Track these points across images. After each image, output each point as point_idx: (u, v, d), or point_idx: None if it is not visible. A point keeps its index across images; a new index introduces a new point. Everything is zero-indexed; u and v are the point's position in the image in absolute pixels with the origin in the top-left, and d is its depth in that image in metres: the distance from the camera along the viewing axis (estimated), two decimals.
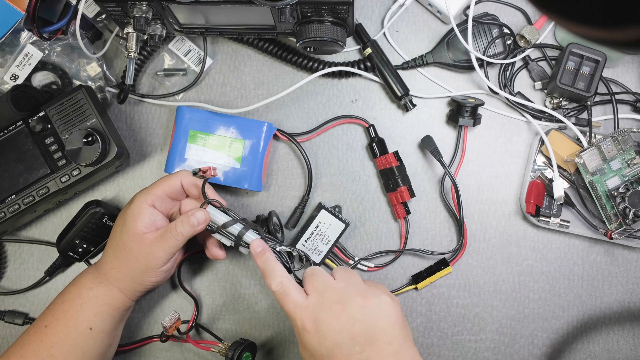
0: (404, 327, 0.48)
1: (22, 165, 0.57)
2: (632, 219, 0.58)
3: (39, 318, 0.55)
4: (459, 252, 0.63)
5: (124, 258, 0.54)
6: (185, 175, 0.56)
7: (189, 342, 0.59)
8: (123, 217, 0.55)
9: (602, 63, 0.60)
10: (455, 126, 0.64)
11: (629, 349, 0.64)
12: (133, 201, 0.55)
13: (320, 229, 0.62)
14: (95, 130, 0.57)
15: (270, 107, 0.65)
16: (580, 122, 0.62)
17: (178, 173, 0.56)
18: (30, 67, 0.60)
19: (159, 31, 0.56)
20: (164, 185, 0.55)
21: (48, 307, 0.55)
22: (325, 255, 0.62)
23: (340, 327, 0.46)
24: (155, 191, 0.55)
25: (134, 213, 0.54)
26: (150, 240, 0.53)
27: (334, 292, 0.48)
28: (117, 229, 0.55)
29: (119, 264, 0.54)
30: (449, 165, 0.63)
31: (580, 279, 0.64)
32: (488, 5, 0.64)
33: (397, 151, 0.62)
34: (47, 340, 0.53)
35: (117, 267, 0.55)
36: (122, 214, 0.56)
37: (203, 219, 0.53)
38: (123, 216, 0.55)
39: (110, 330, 0.55)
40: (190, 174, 0.56)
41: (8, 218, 0.58)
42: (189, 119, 0.62)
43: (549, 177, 0.62)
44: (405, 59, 0.64)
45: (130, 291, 0.55)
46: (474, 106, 0.62)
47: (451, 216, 0.64)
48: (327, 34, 0.53)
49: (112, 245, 0.55)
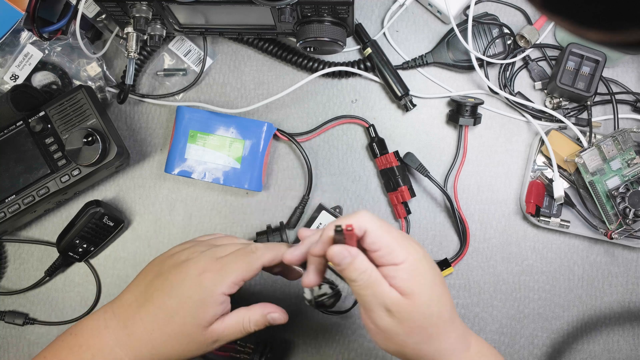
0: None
1: (22, 165, 0.57)
2: (632, 219, 0.58)
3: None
4: (462, 252, 0.63)
5: (177, 346, 0.46)
6: (265, 254, 0.47)
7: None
8: (190, 305, 0.45)
9: (602, 63, 0.60)
10: (455, 126, 0.64)
11: (629, 349, 0.64)
12: (205, 288, 0.45)
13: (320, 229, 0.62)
14: (95, 130, 0.57)
15: (270, 107, 0.65)
16: (580, 122, 0.62)
17: (256, 254, 0.47)
18: (30, 67, 0.60)
19: (159, 31, 0.56)
20: (245, 274, 0.46)
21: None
22: None
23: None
24: (234, 280, 0.46)
25: (207, 303, 0.45)
26: (217, 333, 0.47)
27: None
28: (180, 315, 0.46)
29: (167, 351, 0.47)
30: (451, 166, 0.63)
31: (580, 279, 0.64)
32: (488, 5, 0.64)
33: (397, 151, 0.62)
34: None
35: (162, 353, 0.47)
36: (186, 299, 0.45)
37: (281, 319, 0.49)
38: (189, 302, 0.45)
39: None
40: (267, 251, 0.48)
41: (8, 218, 0.58)
42: (189, 119, 0.62)
43: (549, 177, 0.62)
44: (405, 59, 0.64)
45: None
46: (474, 105, 0.62)
47: (452, 216, 0.64)
48: (327, 34, 0.53)
49: (162, 331, 0.46)
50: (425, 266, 0.43)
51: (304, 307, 0.64)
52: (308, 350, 0.63)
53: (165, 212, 0.64)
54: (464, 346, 0.46)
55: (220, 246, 0.49)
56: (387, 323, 0.42)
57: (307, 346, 0.63)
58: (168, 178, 0.65)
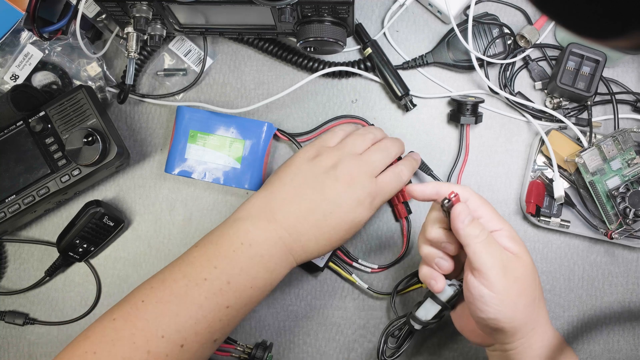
0: None
1: (22, 165, 0.57)
2: (632, 219, 0.58)
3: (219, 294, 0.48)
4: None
5: (339, 241, 0.54)
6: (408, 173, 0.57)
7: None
8: (355, 222, 0.53)
9: (602, 63, 0.60)
10: (456, 126, 0.64)
11: (629, 349, 0.64)
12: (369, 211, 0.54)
13: None
14: (95, 130, 0.57)
15: (270, 107, 0.65)
16: (581, 122, 0.62)
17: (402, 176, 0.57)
18: (30, 67, 0.60)
19: (159, 31, 0.56)
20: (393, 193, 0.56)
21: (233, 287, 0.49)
22: (328, 259, 0.61)
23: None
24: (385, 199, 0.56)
25: (365, 218, 0.54)
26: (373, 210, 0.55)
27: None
28: (343, 227, 0.52)
29: (329, 245, 0.53)
30: (453, 165, 0.63)
31: (580, 279, 0.64)
32: (488, 5, 0.64)
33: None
34: (225, 320, 0.49)
35: (323, 247, 0.53)
36: (351, 219, 0.53)
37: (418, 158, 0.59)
38: (355, 221, 0.53)
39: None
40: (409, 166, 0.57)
41: (8, 218, 0.58)
42: (189, 119, 0.62)
43: (549, 177, 0.62)
44: (405, 59, 0.64)
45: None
46: (474, 104, 0.62)
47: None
48: (327, 34, 0.53)
49: (328, 240, 0.52)
50: (516, 235, 0.48)
51: (304, 307, 0.64)
52: (308, 351, 0.63)
53: (165, 212, 0.64)
54: (546, 320, 0.49)
55: (368, 157, 0.55)
56: (503, 283, 0.44)
57: (307, 346, 0.63)
58: (168, 178, 0.65)
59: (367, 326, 0.63)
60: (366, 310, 0.63)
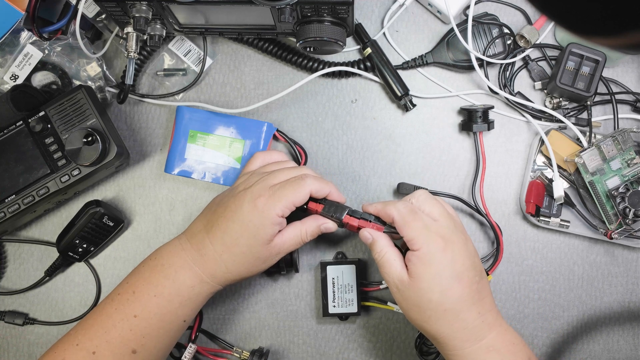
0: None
1: (22, 165, 0.57)
2: (632, 219, 0.58)
3: (126, 304, 0.52)
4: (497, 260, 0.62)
5: (246, 263, 0.53)
6: (313, 183, 0.53)
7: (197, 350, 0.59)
8: (250, 227, 0.51)
9: (602, 63, 0.60)
10: (456, 125, 0.64)
11: (629, 349, 0.64)
12: (261, 211, 0.51)
13: (337, 283, 0.61)
14: (95, 130, 0.57)
15: (270, 107, 0.65)
16: (580, 122, 0.62)
17: (305, 182, 0.53)
18: (30, 67, 0.60)
19: (159, 31, 0.56)
20: (294, 199, 0.52)
21: (137, 297, 0.52)
22: (357, 301, 0.61)
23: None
24: (285, 204, 0.51)
25: (265, 225, 0.51)
26: (279, 246, 0.53)
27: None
28: (244, 237, 0.52)
29: (237, 268, 0.53)
30: (474, 177, 0.62)
31: (580, 279, 0.64)
32: (488, 5, 0.64)
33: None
34: (137, 331, 0.51)
35: (234, 271, 0.53)
36: (246, 222, 0.51)
37: (333, 228, 0.55)
38: (250, 225, 0.51)
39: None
40: (315, 181, 0.53)
41: (8, 218, 0.58)
42: (189, 119, 0.62)
43: (549, 177, 0.62)
44: (405, 59, 0.64)
45: (230, 283, 0.55)
46: (485, 110, 0.61)
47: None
48: (327, 34, 0.53)
49: (230, 252, 0.52)
50: (439, 258, 0.49)
51: (304, 307, 0.64)
52: (308, 351, 0.63)
53: (165, 212, 0.65)
54: (472, 337, 0.49)
55: (272, 174, 0.54)
56: (396, 297, 0.51)
57: (307, 346, 0.63)
58: (168, 178, 0.65)
59: (367, 326, 0.64)
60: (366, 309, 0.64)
